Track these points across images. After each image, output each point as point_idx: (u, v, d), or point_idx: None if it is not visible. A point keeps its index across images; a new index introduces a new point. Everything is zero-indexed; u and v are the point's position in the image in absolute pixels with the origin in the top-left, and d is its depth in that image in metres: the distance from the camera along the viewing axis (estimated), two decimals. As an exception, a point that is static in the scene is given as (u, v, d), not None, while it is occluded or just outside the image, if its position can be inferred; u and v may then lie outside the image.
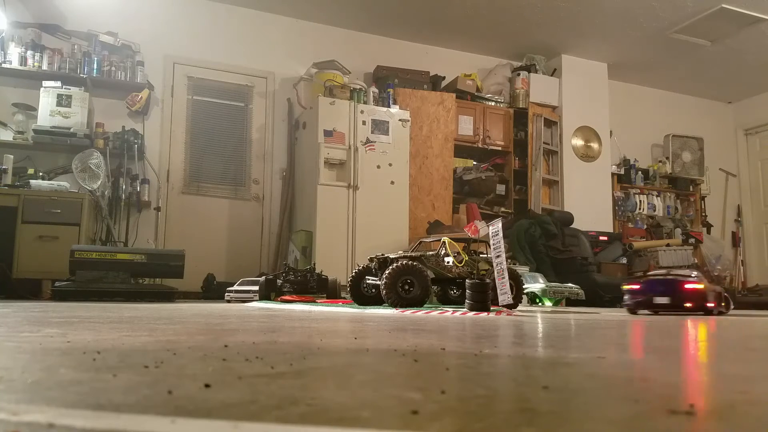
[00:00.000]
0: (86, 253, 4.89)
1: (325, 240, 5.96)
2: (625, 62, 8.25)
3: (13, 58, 5.83)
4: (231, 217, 6.75)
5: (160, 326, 1.81)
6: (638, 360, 1.23)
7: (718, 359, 1.31)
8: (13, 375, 0.81)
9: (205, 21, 6.86)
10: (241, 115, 7.00)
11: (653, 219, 8.72)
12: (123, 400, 0.64)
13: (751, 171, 9.57)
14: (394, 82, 6.95)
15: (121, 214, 6.13)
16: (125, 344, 1.24)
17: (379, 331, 1.78)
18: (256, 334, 1.57)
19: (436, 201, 6.94)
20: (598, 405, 0.69)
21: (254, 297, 5.07)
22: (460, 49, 7.99)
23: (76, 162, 5.63)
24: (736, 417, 0.63)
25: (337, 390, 0.73)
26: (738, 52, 7.75)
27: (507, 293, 3.23)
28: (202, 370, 0.88)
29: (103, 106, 6.26)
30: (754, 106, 9.49)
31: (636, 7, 6.71)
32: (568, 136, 8.05)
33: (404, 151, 6.50)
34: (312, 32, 7.29)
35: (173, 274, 5.18)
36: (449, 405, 0.65)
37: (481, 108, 7.59)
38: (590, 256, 7.10)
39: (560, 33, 7.47)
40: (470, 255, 3.95)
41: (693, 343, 1.73)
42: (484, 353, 1.20)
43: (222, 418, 0.56)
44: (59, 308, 3.13)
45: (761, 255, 9.32)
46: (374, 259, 3.91)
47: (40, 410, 0.58)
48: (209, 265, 6.31)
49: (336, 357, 1.11)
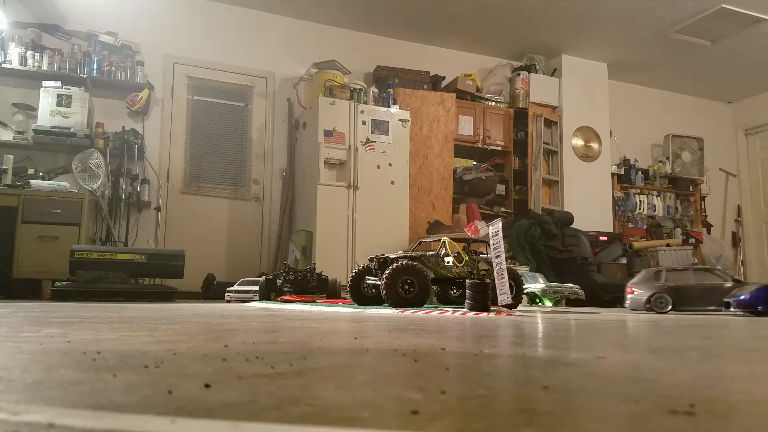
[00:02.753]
0: (86, 253, 4.89)
1: (325, 240, 5.96)
2: (625, 62, 8.25)
3: (13, 58, 5.82)
4: (231, 217, 6.75)
5: (160, 326, 1.81)
6: (638, 360, 1.23)
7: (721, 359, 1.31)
8: (13, 375, 0.81)
9: (205, 21, 6.86)
10: (241, 115, 6.99)
11: (653, 219, 8.71)
12: (123, 400, 0.64)
13: (751, 171, 9.57)
14: (394, 82, 6.95)
15: (121, 214, 6.13)
16: (125, 344, 1.24)
17: (379, 331, 1.78)
18: (256, 334, 1.57)
19: (436, 201, 6.94)
20: (598, 405, 0.69)
21: (254, 297, 5.07)
22: (460, 49, 7.98)
23: (76, 162, 5.63)
24: (736, 417, 0.63)
25: (337, 390, 0.73)
26: (738, 52, 7.75)
27: (507, 293, 3.23)
28: (202, 370, 0.88)
29: (103, 106, 6.26)
30: (754, 106, 9.48)
31: (636, 7, 6.71)
32: (568, 136, 8.05)
33: (404, 151, 6.49)
34: (312, 32, 7.29)
35: (173, 274, 5.18)
36: (449, 405, 0.65)
37: (481, 108, 7.59)
38: (590, 256, 7.10)
39: (560, 33, 7.47)
40: (470, 255, 3.95)
41: (692, 344, 1.73)
42: (484, 353, 1.20)
43: (222, 418, 0.56)
44: (59, 308, 3.13)
45: (761, 255, 9.32)
46: (374, 259, 3.91)
47: (40, 410, 0.58)
48: (209, 265, 6.31)
49: (336, 357, 1.11)
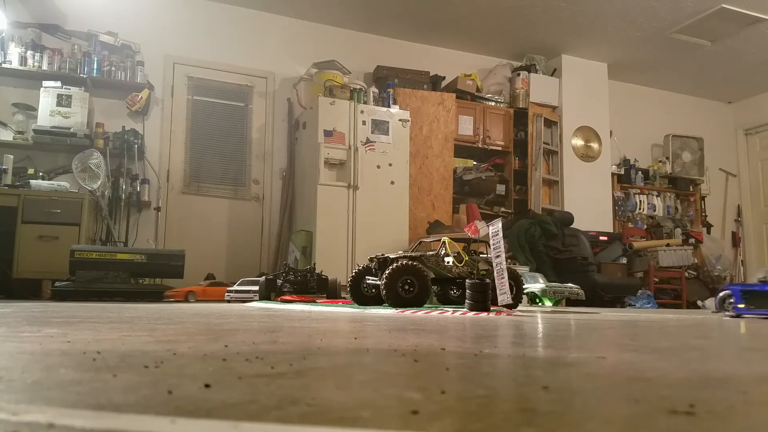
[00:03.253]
0: (86, 253, 4.90)
1: (325, 240, 5.96)
2: (625, 62, 8.25)
3: (13, 58, 5.82)
4: (231, 217, 6.75)
5: (160, 326, 1.81)
6: (639, 360, 1.23)
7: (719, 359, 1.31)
8: (13, 375, 0.81)
9: (205, 21, 6.86)
10: (241, 115, 6.99)
11: (653, 219, 8.72)
12: (123, 400, 0.64)
13: (751, 171, 9.57)
14: (394, 82, 6.95)
15: (121, 214, 6.13)
16: (125, 344, 1.24)
17: (379, 331, 1.78)
18: (256, 334, 1.57)
19: (436, 201, 6.94)
20: (598, 405, 0.69)
21: (254, 297, 5.08)
22: (460, 49, 7.98)
23: (76, 162, 5.63)
24: (736, 417, 0.63)
25: (337, 390, 0.73)
26: (738, 52, 7.75)
27: (507, 293, 3.23)
28: (202, 370, 0.88)
29: (103, 106, 6.26)
30: (754, 106, 9.48)
31: (636, 7, 6.71)
32: (568, 136, 8.05)
33: (404, 151, 6.49)
34: (312, 32, 7.29)
35: (173, 274, 5.18)
36: (449, 405, 0.65)
37: (481, 108, 7.59)
38: (590, 256, 7.10)
39: (560, 33, 7.47)
40: (470, 255, 3.95)
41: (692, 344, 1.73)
42: (484, 353, 1.20)
43: (222, 418, 0.56)
44: (59, 308, 3.13)
45: (761, 255, 9.32)
46: (374, 259, 3.91)
47: (40, 410, 0.58)
48: (209, 265, 6.31)
49: (336, 357, 1.11)
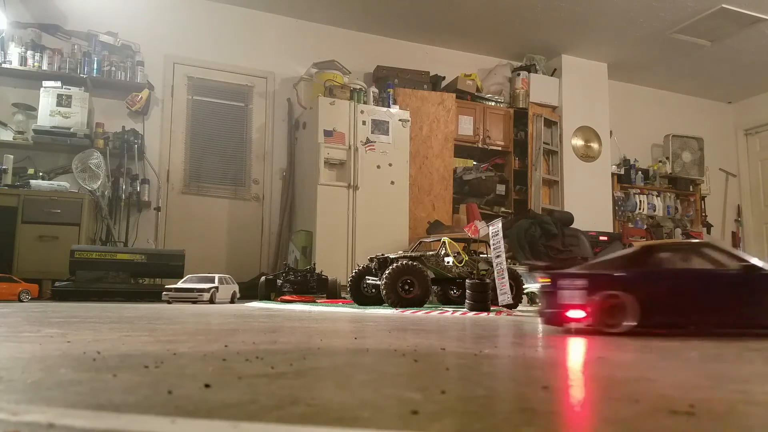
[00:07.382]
0: (86, 253, 4.90)
1: (325, 240, 5.95)
2: (625, 62, 8.25)
3: (13, 58, 5.82)
4: (231, 217, 6.75)
5: (160, 326, 1.81)
6: (638, 359, 1.23)
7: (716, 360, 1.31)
8: (13, 375, 0.80)
9: (204, 21, 6.86)
10: (241, 115, 6.99)
11: (653, 219, 8.71)
12: (123, 400, 0.64)
13: (751, 171, 9.56)
14: (394, 82, 6.95)
15: (121, 214, 6.13)
16: (125, 344, 1.24)
17: (379, 331, 1.78)
18: (256, 334, 1.57)
19: (436, 201, 6.94)
20: (599, 405, 0.69)
21: (200, 297, 4.47)
22: (460, 49, 7.98)
23: (76, 162, 5.63)
24: (736, 417, 0.63)
25: (337, 390, 0.73)
26: (738, 52, 7.74)
27: (507, 293, 3.23)
28: (202, 370, 0.88)
29: (103, 106, 6.26)
30: (754, 106, 9.48)
31: (636, 7, 6.70)
32: (568, 136, 8.05)
33: (404, 151, 6.49)
34: (312, 32, 7.29)
35: (173, 274, 5.18)
36: (449, 405, 0.65)
37: (481, 108, 7.59)
38: (590, 256, 7.10)
39: (560, 33, 7.46)
40: (470, 255, 3.95)
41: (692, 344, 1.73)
42: (484, 353, 1.20)
43: (222, 418, 0.56)
44: (59, 308, 3.12)
45: (761, 255, 9.29)
46: (374, 259, 3.91)
47: (40, 410, 0.58)
48: (209, 265, 6.30)
49: (336, 357, 1.10)
